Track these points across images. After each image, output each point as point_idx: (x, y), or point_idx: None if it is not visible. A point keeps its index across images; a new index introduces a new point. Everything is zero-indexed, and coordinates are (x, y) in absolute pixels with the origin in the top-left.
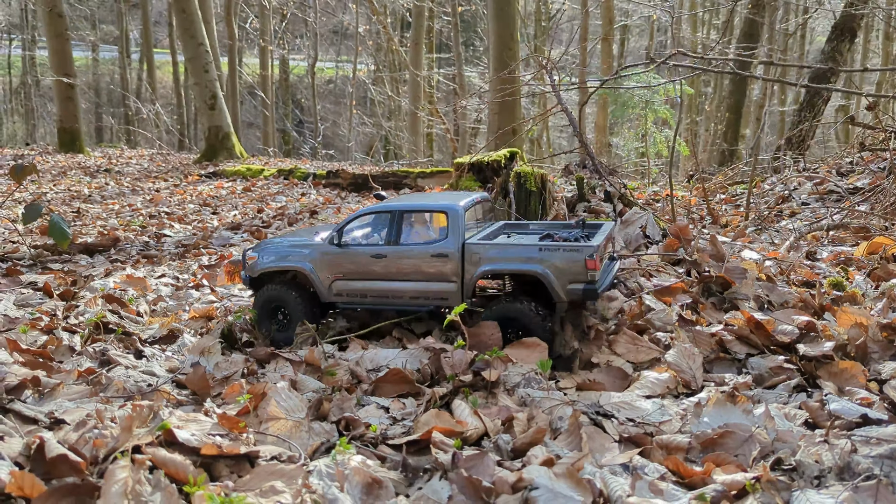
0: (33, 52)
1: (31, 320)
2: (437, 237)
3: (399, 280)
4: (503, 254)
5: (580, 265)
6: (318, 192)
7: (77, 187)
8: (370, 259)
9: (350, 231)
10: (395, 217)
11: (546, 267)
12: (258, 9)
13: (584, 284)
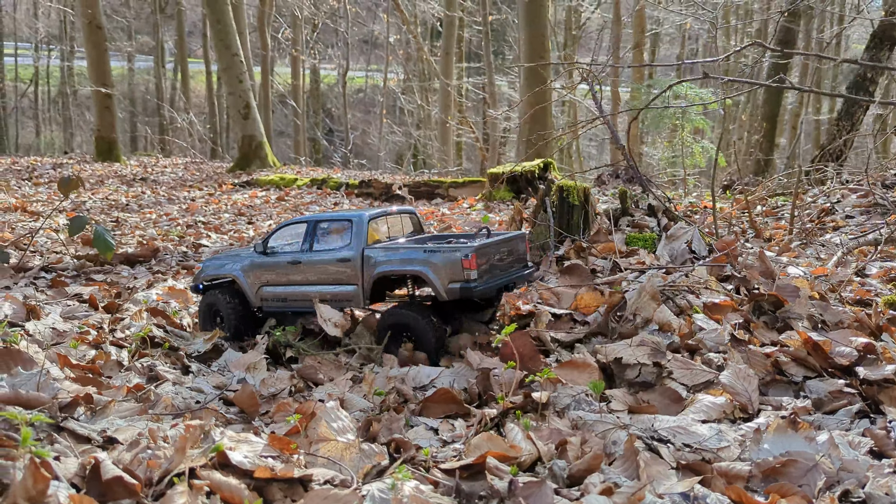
0: (71, 62)
1: (80, 334)
2: (342, 244)
3: (311, 285)
4: (394, 257)
5: (458, 265)
6: (350, 202)
7: (115, 196)
8: (288, 266)
9: (274, 241)
10: (310, 227)
11: (429, 267)
12: (290, 19)
13: (461, 283)
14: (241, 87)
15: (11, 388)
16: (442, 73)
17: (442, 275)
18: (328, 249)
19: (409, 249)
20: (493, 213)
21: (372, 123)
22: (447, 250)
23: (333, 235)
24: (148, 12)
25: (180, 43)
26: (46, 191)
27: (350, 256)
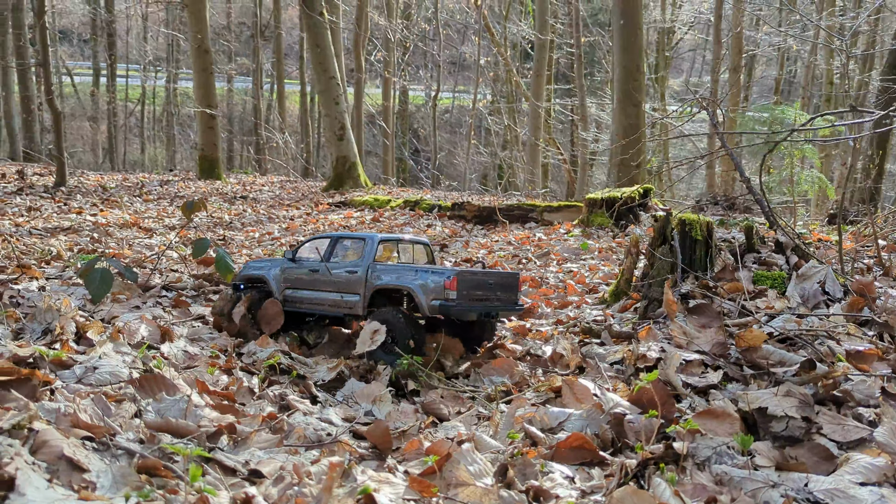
0: (175, 83)
1: (210, 358)
2: (353, 260)
3: (324, 291)
4: (391, 274)
5: (441, 286)
6: (443, 224)
7: (218, 214)
8: (309, 273)
9: (303, 252)
10: (332, 242)
11: (417, 285)
12: (383, 41)
13: (441, 301)
14: (337, 109)
15: (158, 413)
16: (532, 95)
17: (427, 293)
18: (342, 263)
19: (403, 270)
20: (591, 240)
21: (457, 143)
22: (434, 273)
23: (350, 251)
24: (247, 36)
25: (278, 65)
26: (156, 207)
27: (358, 269)
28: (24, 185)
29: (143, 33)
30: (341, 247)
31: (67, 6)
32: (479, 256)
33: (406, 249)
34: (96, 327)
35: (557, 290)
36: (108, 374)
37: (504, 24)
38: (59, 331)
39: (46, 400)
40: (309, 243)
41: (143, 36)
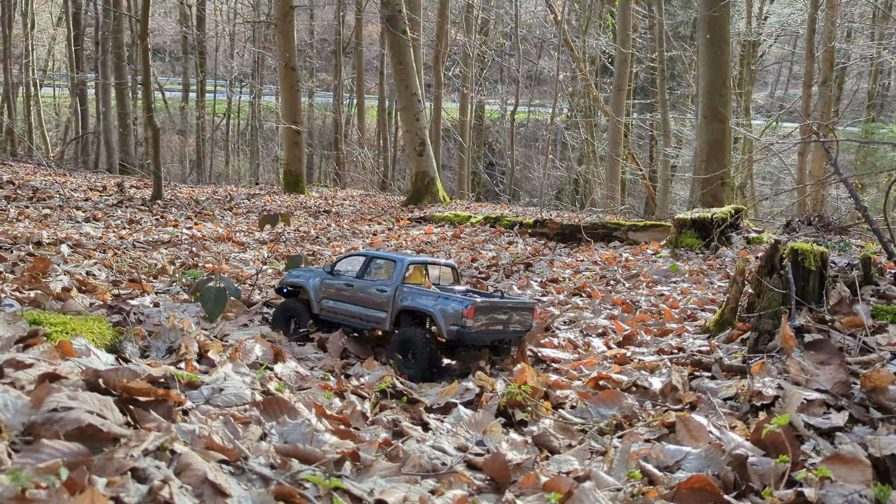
0: (259, 98)
1: (322, 381)
2: (384, 279)
3: (355, 305)
4: (416, 297)
5: (459, 313)
6: (525, 242)
7: (304, 228)
8: (344, 286)
9: (340, 266)
10: (367, 260)
11: (439, 309)
12: (461, 57)
13: (458, 328)
14: (417, 125)
15: (281, 437)
16: (613, 110)
17: (447, 318)
18: (375, 281)
19: (428, 294)
20: (680, 262)
21: (533, 158)
22: (455, 300)
23: (382, 270)
24: (328, 52)
25: (358, 81)
26: (245, 220)
27: (387, 288)
28: (124, 198)
29: (229, 50)
30: (375, 265)
31: (161, 25)
32: (565, 276)
33: (434, 270)
34: (216, 347)
35: (652, 315)
36: (234, 395)
37: (583, 38)
38: (184, 350)
39: (181, 421)
40: (346, 259)
41: (230, 53)
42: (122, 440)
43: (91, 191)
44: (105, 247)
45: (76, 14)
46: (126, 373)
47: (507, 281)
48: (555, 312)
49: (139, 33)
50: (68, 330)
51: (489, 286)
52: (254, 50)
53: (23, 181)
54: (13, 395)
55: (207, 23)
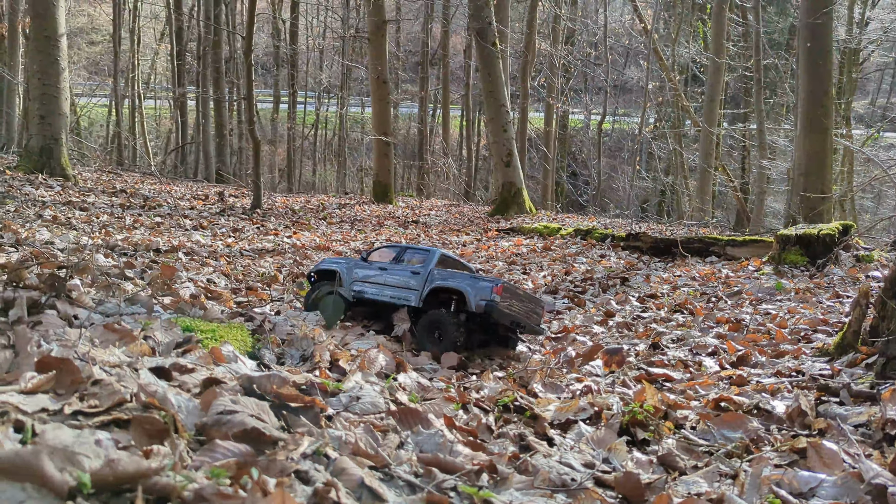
0: (346, 109)
1: (445, 392)
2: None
3: (387, 286)
4: (448, 277)
5: (488, 290)
6: (617, 255)
7: (395, 238)
8: (378, 270)
9: (373, 256)
10: (401, 250)
11: (469, 287)
12: (547, 67)
13: (487, 302)
14: (505, 136)
15: (417, 446)
16: (705, 120)
17: (476, 294)
18: (408, 266)
19: (458, 275)
20: (784, 279)
21: (617, 168)
22: (485, 280)
23: (415, 259)
24: (413, 63)
25: (444, 91)
26: (339, 230)
27: (421, 272)
28: (226, 207)
29: (319, 63)
30: (409, 254)
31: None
32: (664, 291)
33: (456, 266)
34: (345, 356)
35: (762, 335)
36: (370, 404)
37: (673, 46)
38: (318, 359)
39: (326, 427)
40: (377, 250)
41: (320, 65)
42: (280, 443)
43: (195, 199)
44: (216, 254)
45: (179, 30)
46: (276, 379)
47: (605, 295)
48: (658, 330)
49: (244, 50)
50: (217, 337)
51: (586, 300)
52: (342, 62)
53: (133, 190)
54: (185, 398)
55: (299, 37)
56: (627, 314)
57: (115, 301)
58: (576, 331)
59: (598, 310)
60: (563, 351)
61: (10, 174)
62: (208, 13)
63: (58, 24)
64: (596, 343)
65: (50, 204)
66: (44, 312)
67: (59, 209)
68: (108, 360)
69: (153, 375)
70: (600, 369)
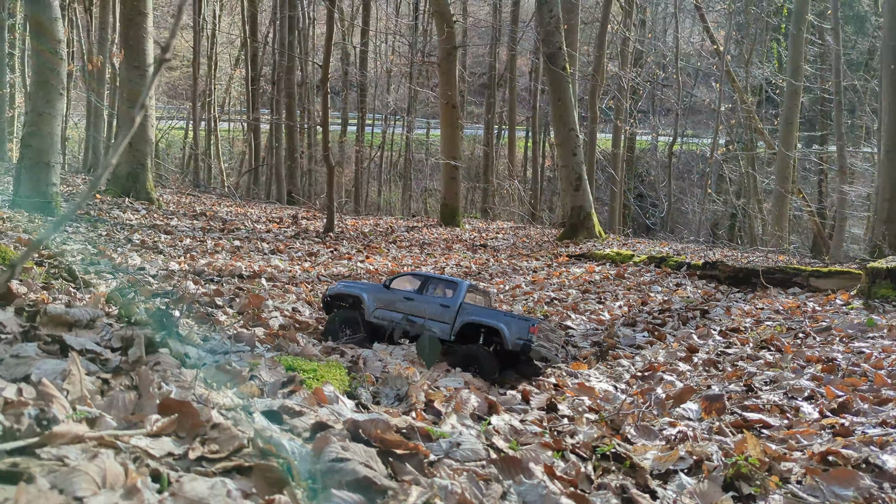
0: (412, 132)
1: (537, 434)
2: (446, 296)
3: (416, 315)
4: (482, 313)
5: (525, 329)
6: (693, 285)
7: (465, 263)
8: (404, 299)
9: (395, 283)
10: (425, 280)
11: (505, 325)
12: (615, 89)
13: (524, 341)
14: (574, 160)
15: (520, 497)
16: (782, 143)
17: (513, 332)
18: (435, 297)
19: (493, 311)
20: (876, 314)
21: (686, 190)
22: (520, 318)
23: (440, 289)
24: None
25: (511, 114)
26: (409, 253)
27: (451, 304)
28: (300, 230)
29: (386, 86)
30: (433, 284)
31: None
32: (747, 325)
33: (477, 291)
34: (439, 397)
35: (859, 377)
36: (470, 450)
37: (746, 68)
38: (414, 400)
39: (431, 476)
40: (398, 278)
41: (387, 88)
42: (390, 492)
43: (270, 222)
44: (295, 280)
45: (254, 56)
46: (381, 424)
47: (684, 328)
48: (748, 370)
49: (321, 79)
50: (318, 377)
51: (666, 334)
52: (410, 86)
53: (212, 212)
54: (298, 444)
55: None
56: (711, 350)
57: (218, 337)
58: (661, 369)
59: (680, 344)
60: (651, 391)
61: (100, 198)
62: (283, 40)
63: (147, 54)
64: (686, 385)
65: (137, 227)
66: (158, 351)
67: (146, 233)
68: (223, 403)
69: (266, 419)
70: (693, 413)
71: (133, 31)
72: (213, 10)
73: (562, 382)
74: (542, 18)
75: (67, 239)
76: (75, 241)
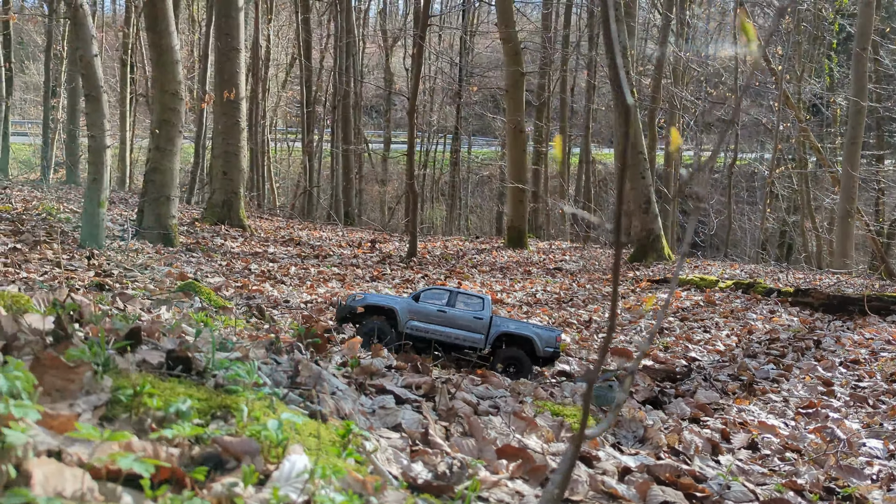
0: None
1: (769, 477)
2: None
3: (452, 328)
4: (514, 324)
5: (553, 339)
6: (788, 312)
7: (550, 288)
8: (437, 312)
9: (421, 295)
10: (452, 294)
11: (536, 335)
12: (668, 109)
13: (552, 349)
14: (643, 182)
15: None
16: (847, 162)
17: (542, 341)
18: (465, 310)
19: (521, 323)
20: None
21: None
22: (546, 329)
23: (468, 303)
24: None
25: (562, 134)
26: (492, 279)
27: (483, 317)
28: (384, 255)
29: (430, 105)
30: (460, 299)
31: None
32: (863, 357)
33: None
34: (674, 439)
35: None
36: (739, 492)
37: (798, 85)
38: (660, 442)
39: None
40: (425, 292)
41: (430, 107)
42: None
43: (350, 246)
44: None
45: (308, 80)
46: (668, 468)
47: (804, 360)
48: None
49: (408, 110)
50: (578, 421)
51: (792, 365)
52: (458, 104)
53: (298, 237)
54: (624, 487)
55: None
56: (844, 383)
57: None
58: (819, 405)
59: (812, 378)
60: (827, 429)
61: (199, 225)
62: (339, 65)
63: (240, 88)
64: (863, 423)
65: (240, 255)
66: (455, 397)
67: (256, 261)
68: (533, 447)
69: (585, 465)
70: (880, 451)
71: (227, 67)
72: (268, 34)
73: (728, 419)
74: (608, 43)
75: (199, 271)
76: (205, 272)
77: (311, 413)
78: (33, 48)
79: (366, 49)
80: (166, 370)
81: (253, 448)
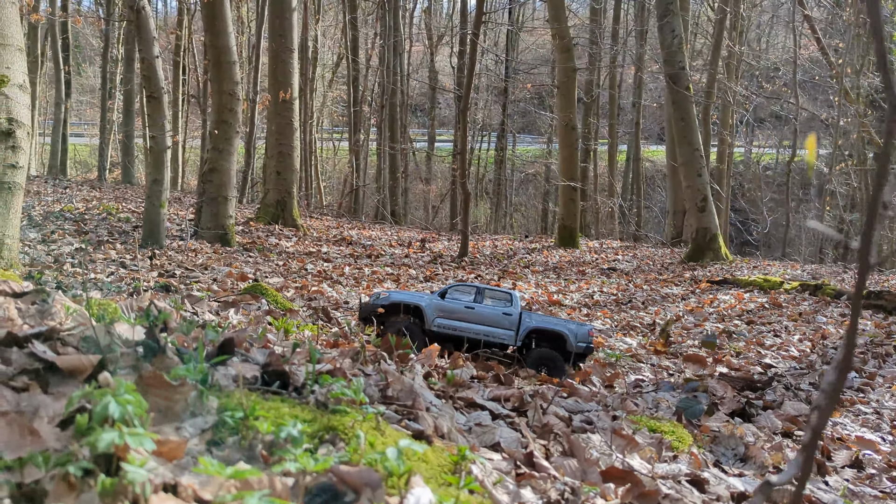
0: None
1: (885, 500)
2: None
3: (481, 324)
4: (545, 320)
5: (586, 334)
6: (860, 316)
7: (607, 289)
8: (465, 309)
9: (448, 292)
10: (480, 290)
11: (568, 331)
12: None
13: (585, 344)
14: (699, 180)
15: None
16: None
17: (574, 337)
18: (494, 306)
19: (552, 319)
20: None
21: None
22: (579, 325)
23: (496, 299)
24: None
25: (611, 131)
26: (545, 279)
27: (512, 312)
28: (435, 255)
29: (476, 102)
30: (487, 294)
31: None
32: None
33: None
34: (777, 458)
35: None
36: None
37: (857, 79)
38: (766, 462)
39: None
40: (451, 288)
41: (477, 104)
42: None
43: (401, 246)
44: None
45: (355, 79)
46: (783, 494)
47: (887, 367)
48: None
49: (461, 108)
50: (678, 438)
51: (876, 373)
52: (503, 103)
53: (349, 237)
54: None
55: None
56: None
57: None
58: None
59: None
60: None
61: (254, 225)
62: (387, 64)
63: (294, 89)
64: None
65: (295, 255)
66: (547, 412)
67: (311, 260)
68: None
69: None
70: None
71: (280, 68)
72: (316, 34)
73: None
74: (663, 39)
75: (258, 271)
76: (264, 272)
77: (414, 434)
78: (89, 51)
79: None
80: (261, 384)
81: (374, 480)
